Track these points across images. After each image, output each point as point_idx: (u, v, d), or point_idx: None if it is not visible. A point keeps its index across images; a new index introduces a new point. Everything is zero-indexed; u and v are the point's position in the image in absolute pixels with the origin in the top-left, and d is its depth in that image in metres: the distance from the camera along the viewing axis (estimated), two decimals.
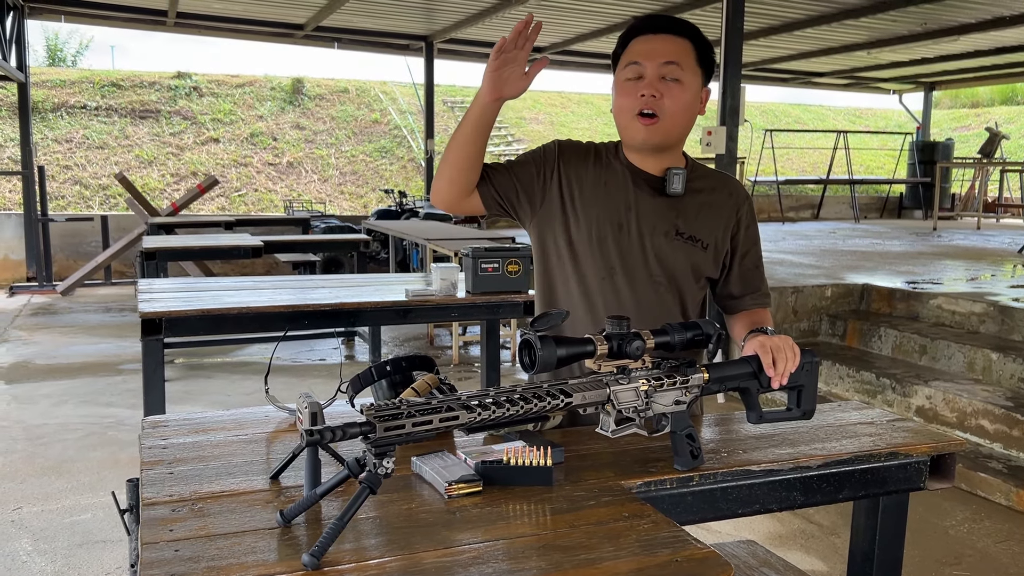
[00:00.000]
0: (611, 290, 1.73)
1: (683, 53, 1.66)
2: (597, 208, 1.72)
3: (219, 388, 5.21)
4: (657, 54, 1.65)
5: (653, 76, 1.64)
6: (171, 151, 13.00)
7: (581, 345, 1.34)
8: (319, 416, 1.34)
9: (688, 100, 1.67)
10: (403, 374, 1.67)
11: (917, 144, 13.30)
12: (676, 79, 1.65)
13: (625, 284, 1.72)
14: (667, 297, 1.74)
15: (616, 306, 1.72)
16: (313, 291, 3.41)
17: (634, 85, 1.66)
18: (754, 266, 1.82)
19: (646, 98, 1.64)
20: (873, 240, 9.16)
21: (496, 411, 1.24)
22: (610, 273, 1.72)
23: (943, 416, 4.16)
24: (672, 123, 1.66)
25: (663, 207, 1.73)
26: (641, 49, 1.67)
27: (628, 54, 1.69)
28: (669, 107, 1.65)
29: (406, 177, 13.65)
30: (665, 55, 1.65)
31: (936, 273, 6.27)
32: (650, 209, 1.73)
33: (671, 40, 1.67)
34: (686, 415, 1.46)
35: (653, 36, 1.67)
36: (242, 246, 5.40)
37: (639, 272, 1.72)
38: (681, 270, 1.74)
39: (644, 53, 1.67)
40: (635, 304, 1.71)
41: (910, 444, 1.64)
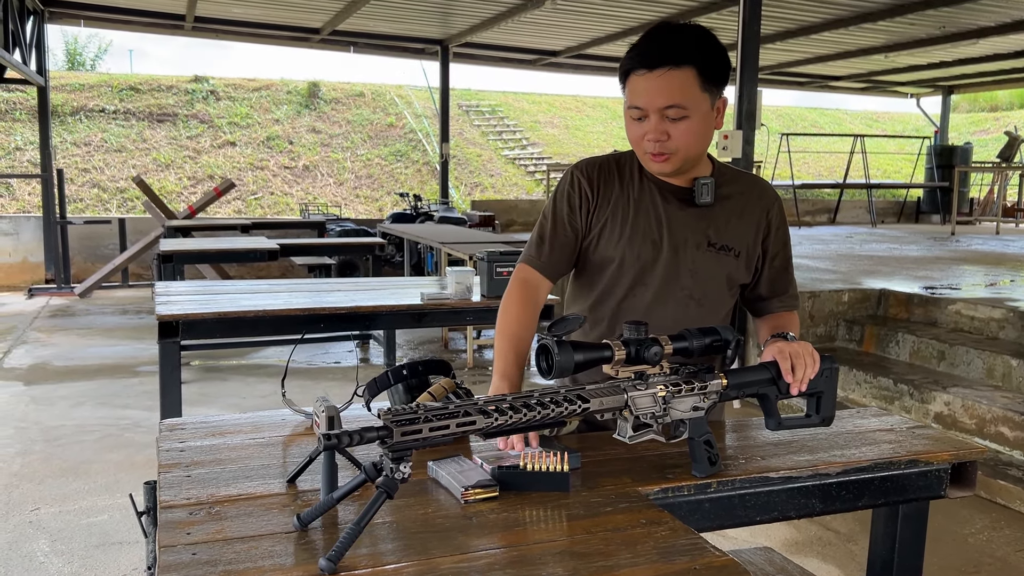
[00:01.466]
0: (643, 306, 1.72)
1: (684, 88, 1.56)
2: (629, 226, 1.71)
3: (234, 391, 5.23)
4: (656, 98, 1.56)
5: (656, 119, 1.58)
6: (188, 154, 13.09)
7: (599, 350, 1.33)
8: (336, 420, 1.34)
9: (698, 128, 1.61)
10: (419, 378, 1.67)
11: (935, 148, 13.20)
12: (683, 116, 1.58)
13: (658, 299, 1.72)
14: (698, 310, 1.73)
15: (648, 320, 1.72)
16: (328, 295, 3.41)
17: (640, 126, 1.62)
18: (783, 268, 1.80)
19: (652, 142, 1.61)
20: (890, 245, 9.10)
21: (513, 416, 1.24)
22: (644, 289, 1.72)
23: (962, 423, 4.12)
24: (685, 154, 1.63)
25: (693, 218, 1.71)
26: (640, 90, 1.58)
27: (629, 91, 1.61)
28: (679, 143, 1.60)
29: (421, 180, 13.69)
30: (664, 99, 1.56)
31: (954, 278, 6.22)
32: (680, 222, 1.71)
33: (670, 76, 1.55)
34: (704, 421, 1.45)
35: (650, 75, 1.55)
36: (258, 249, 5.42)
37: (672, 286, 1.71)
38: (715, 281, 1.73)
39: (643, 97, 1.58)
40: (665, 318, 1.70)
41: (930, 451, 1.63)
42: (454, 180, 13.53)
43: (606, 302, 1.75)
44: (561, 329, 1.32)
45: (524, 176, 14.78)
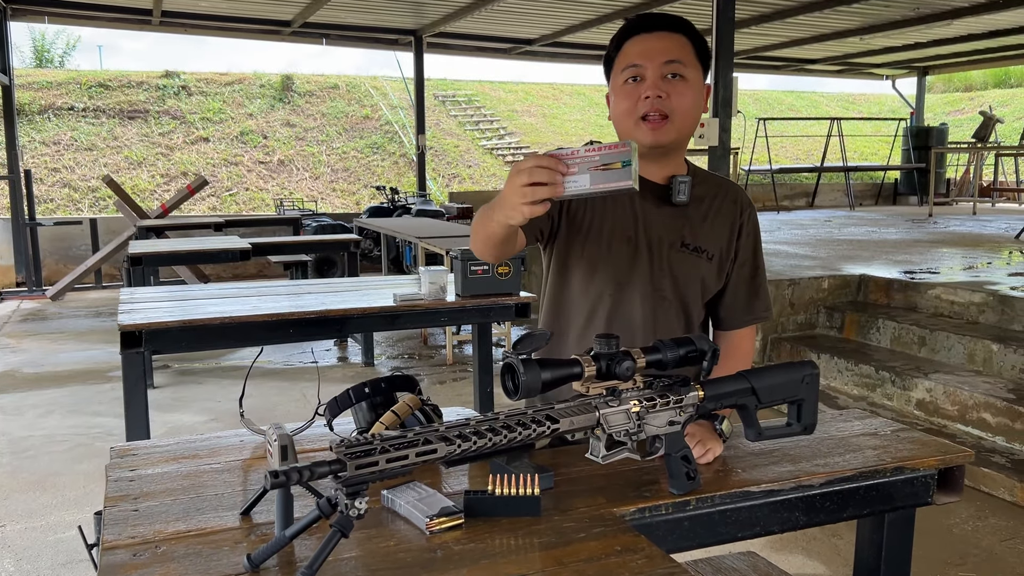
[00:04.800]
0: (619, 306, 1.66)
1: (683, 49, 1.58)
2: (605, 222, 1.64)
3: (209, 394, 5.13)
4: (657, 53, 1.56)
5: (655, 76, 1.55)
6: (160, 151, 12.88)
7: (567, 367, 1.26)
8: (290, 450, 1.27)
9: (694, 97, 1.58)
10: (384, 395, 1.59)
11: (911, 129, 13.22)
12: (680, 76, 1.56)
13: (633, 299, 1.66)
14: (671, 313, 1.68)
15: (624, 322, 1.66)
16: (299, 298, 3.32)
17: (635, 88, 1.56)
18: (751, 277, 1.74)
19: (651, 99, 1.54)
20: (869, 228, 9.09)
21: (477, 442, 1.17)
22: (619, 288, 1.65)
23: (944, 409, 4.10)
24: (683, 122, 1.58)
25: (669, 217, 1.65)
26: (639, 50, 1.58)
27: (624, 56, 1.60)
28: (678, 105, 1.56)
29: (398, 173, 13.55)
30: (666, 53, 1.56)
31: (933, 262, 6.20)
32: (656, 220, 1.65)
33: (669, 37, 1.58)
34: (681, 435, 1.38)
35: (649, 35, 1.58)
36: (230, 249, 5.31)
37: (647, 287, 1.65)
38: (691, 284, 1.68)
39: (643, 53, 1.57)
40: (642, 320, 1.65)
41: (916, 457, 1.57)
42: (431, 172, 13.40)
43: (583, 301, 1.68)
44: (527, 346, 1.24)
45: (502, 166, 14.67)
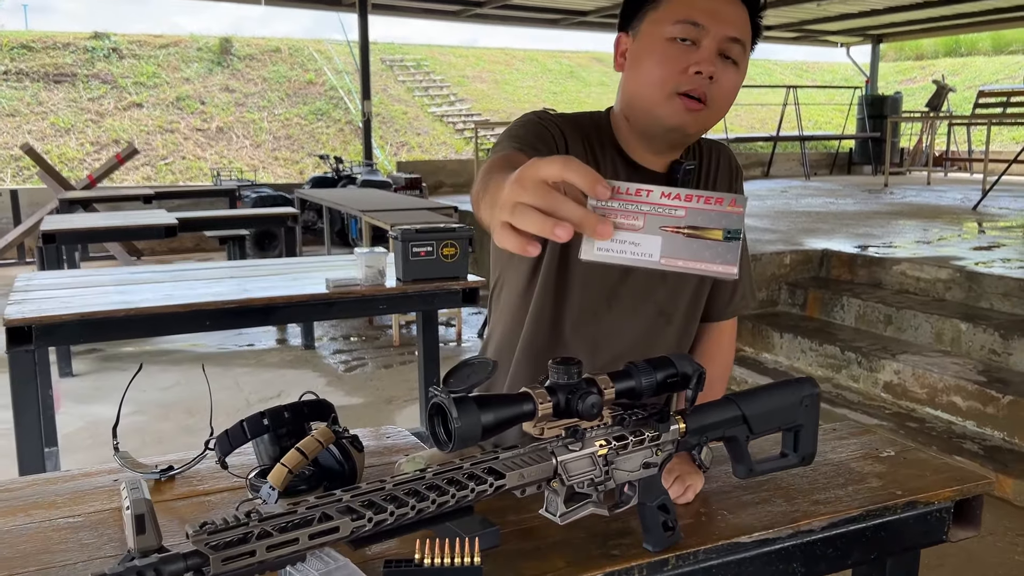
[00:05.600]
0: (606, 324, 1.38)
1: (746, 27, 1.26)
2: None
3: (135, 382, 4.73)
4: (725, 21, 1.23)
5: (712, 50, 1.22)
6: (90, 118, 12.18)
7: (515, 405, 0.97)
8: (147, 521, 0.96)
9: (736, 89, 1.28)
10: (290, 427, 1.28)
11: (866, 98, 13.14)
12: (734, 60, 1.25)
13: (624, 316, 1.38)
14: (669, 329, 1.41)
15: (611, 342, 1.38)
16: (219, 283, 2.98)
17: (684, 52, 1.22)
18: None
19: (702, 77, 1.22)
20: (826, 199, 8.96)
21: (396, 511, 0.87)
22: (607, 303, 1.37)
23: (912, 392, 3.92)
24: (717, 114, 1.28)
25: None
26: (707, 6, 1.23)
27: (682, 5, 1.23)
28: (720, 95, 1.25)
29: (344, 140, 13.05)
30: (733, 26, 1.23)
31: (894, 235, 6.05)
32: None
33: (738, 5, 1.25)
34: (658, 480, 1.10)
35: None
36: (154, 225, 4.90)
37: (643, 301, 1.38)
38: (687, 291, 1.41)
39: (710, 13, 1.22)
40: (632, 338, 1.39)
41: (930, 488, 1.32)
42: (378, 140, 12.93)
43: (561, 323, 1.38)
44: (462, 381, 0.95)
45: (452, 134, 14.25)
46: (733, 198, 0.75)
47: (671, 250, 0.75)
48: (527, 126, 1.31)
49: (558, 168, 0.74)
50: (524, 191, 0.75)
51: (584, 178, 0.74)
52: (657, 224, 0.75)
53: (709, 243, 0.75)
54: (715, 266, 0.75)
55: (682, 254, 0.75)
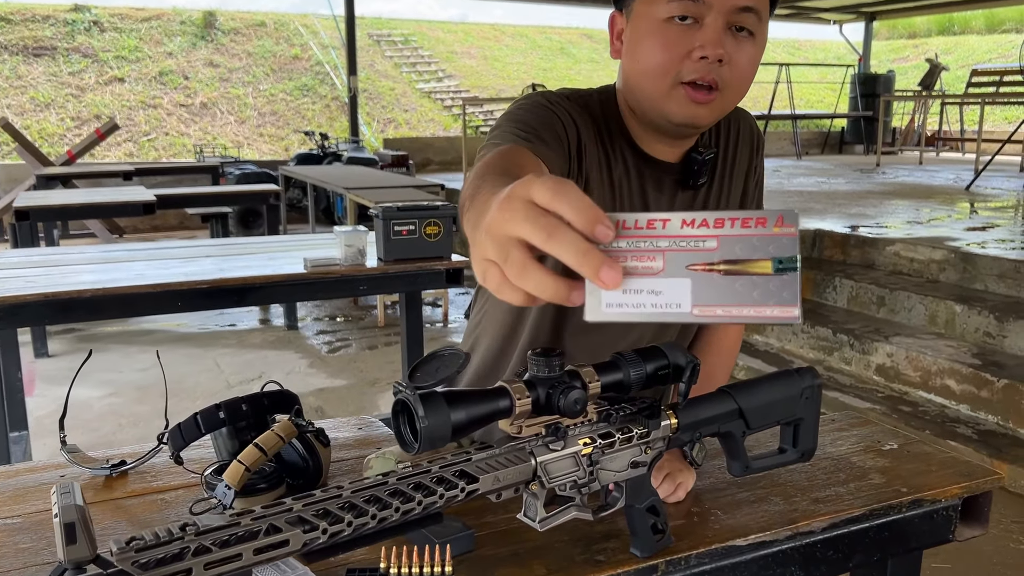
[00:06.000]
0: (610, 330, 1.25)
1: None
2: None
3: (111, 363, 4.63)
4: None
5: (718, 25, 1.05)
6: (71, 92, 11.94)
7: (489, 401, 0.87)
8: (79, 530, 0.86)
9: (755, 63, 1.12)
10: (249, 419, 1.19)
11: (859, 76, 13.03)
12: (749, 31, 1.08)
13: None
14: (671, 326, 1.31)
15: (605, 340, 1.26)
16: (193, 262, 2.87)
17: (685, 33, 1.06)
18: None
19: (709, 62, 1.06)
20: (818, 179, 8.87)
21: (355, 521, 0.78)
22: None
23: (906, 376, 3.86)
24: (734, 97, 1.13)
25: (684, 205, 1.25)
26: None
27: None
28: (735, 77, 1.09)
29: (330, 117, 12.86)
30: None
31: (887, 215, 5.97)
32: None
33: None
34: (647, 480, 1.02)
35: None
36: (131, 202, 4.76)
37: None
38: None
39: None
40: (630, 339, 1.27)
41: (936, 485, 1.24)
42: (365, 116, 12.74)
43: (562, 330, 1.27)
44: (430, 375, 0.85)
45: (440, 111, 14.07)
46: (779, 214, 0.55)
47: (706, 295, 0.56)
48: (534, 110, 1.12)
49: (548, 195, 0.56)
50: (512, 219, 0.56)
51: (579, 214, 0.55)
52: (683, 263, 0.56)
53: (756, 280, 0.55)
54: (768, 309, 0.55)
55: (721, 298, 0.56)
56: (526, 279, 0.56)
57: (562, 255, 0.55)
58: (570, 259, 0.55)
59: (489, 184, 0.77)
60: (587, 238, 0.55)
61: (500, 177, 0.78)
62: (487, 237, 0.58)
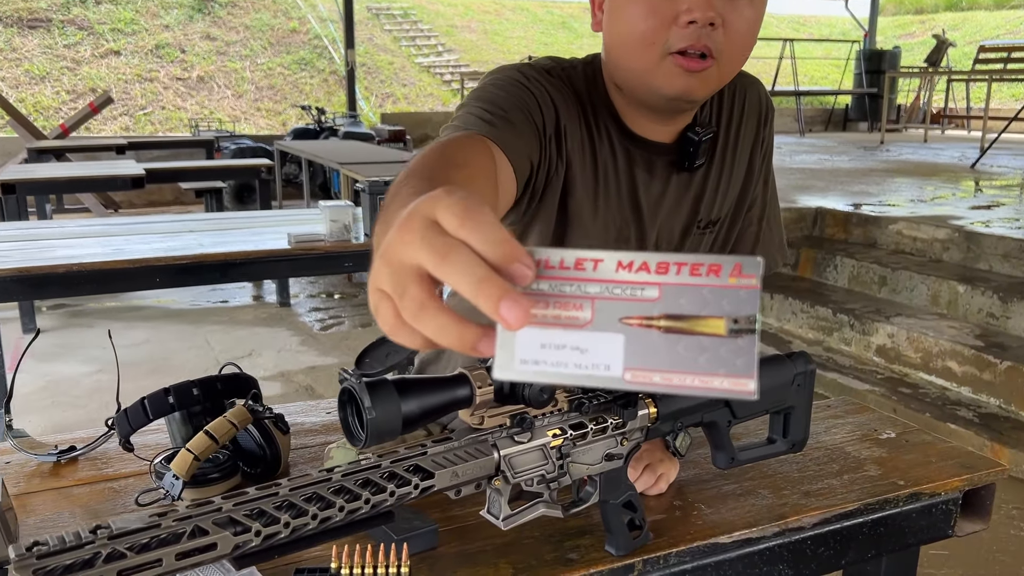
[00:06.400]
0: None
1: None
2: (597, 214, 1.10)
3: (100, 339, 4.56)
4: None
5: None
6: (66, 65, 11.80)
7: (445, 390, 0.80)
8: None
9: (754, 22, 1.01)
10: (204, 404, 1.11)
11: (864, 53, 12.84)
12: None
13: None
14: None
15: None
16: (176, 237, 2.79)
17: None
18: (757, 220, 1.26)
19: (699, 27, 0.96)
20: (821, 156, 8.75)
21: (293, 522, 0.71)
22: None
23: (906, 357, 3.78)
24: (731, 66, 1.02)
25: (680, 189, 1.15)
26: None
27: None
28: (732, 42, 0.99)
29: (328, 91, 12.72)
30: None
31: (890, 193, 5.87)
32: (662, 202, 1.14)
33: None
34: (623, 473, 0.94)
35: None
36: (120, 176, 4.67)
37: None
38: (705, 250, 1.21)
39: None
40: None
41: (935, 478, 1.17)
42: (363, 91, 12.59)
43: None
44: (379, 361, 0.78)
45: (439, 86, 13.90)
46: (737, 262, 0.45)
47: (641, 356, 0.45)
48: (507, 87, 1.02)
49: (455, 220, 0.45)
50: (411, 242, 0.46)
51: (492, 248, 0.44)
52: (616, 314, 0.46)
53: (704, 342, 0.45)
54: (717, 380, 0.45)
55: (660, 362, 0.45)
56: (423, 320, 0.45)
57: (456, 281, 0.44)
58: (464, 286, 0.44)
59: (408, 190, 0.68)
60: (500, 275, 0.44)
61: (423, 182, 0.68)
62: (382, 263, 0.47)
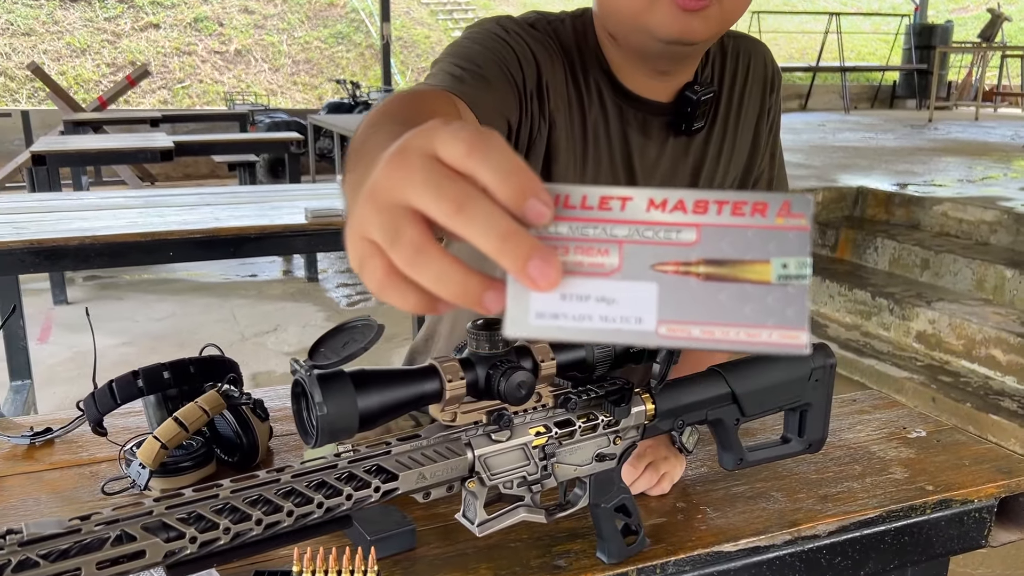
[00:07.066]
0: None
1: None
2: (576, 173, 1.01)
3: (129, 312, 4.58)
4: None
5: None
6: (106, 38, 11.89)
7: (410, 383, 0.72)
8: None
9: None
10: (182, 387, 1.05)
11: (914, 27, 12.42)
12: None
13: None
14: None
15: None
16: (193, 211, 2.76)
17: None
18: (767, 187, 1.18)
19: None
20: (865, 133, 8.49)
21: (233, 527, 0.64)
22: None
23: (948, 343, 3.63)
24: (734, 7, 0.93)
25: (677, 154, 1.06)
26: None
27: None
28: None
29: (364, 65, 12.66)
30: None
31: (937, 173, 5.65)
32: (663, 166, 1.05)
33: None
34: (617, 475, 0.86)
35: None
36: (149, 148, 4.66)
37: None
38: None
39: None
40: None
41: (968, 484, 1.07)
42: (399, 65, 12.51)
43: None
44: (335, 352, 0.70)
45: None
46: (786, 200, 0.39)
47: (677, 307, 0.40)
48: (483, 41, 0.95)
49: (460, 149, 0.38)
50: (407, 181, 0.38)
51: (505, 179, 0.37)
52: (647, 260, 0.40)
53: (749, 289, 0.39)
54: (765, 332, 0.39)
55: (699, 314, 0.39)
56: (420, 267, 0.38)
57: (475, 236, 0.37)
58: (486, 243, 0.37)
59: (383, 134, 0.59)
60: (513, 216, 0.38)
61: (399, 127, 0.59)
62: (369, 206, 0.40)
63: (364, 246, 0.40)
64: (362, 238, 0.40)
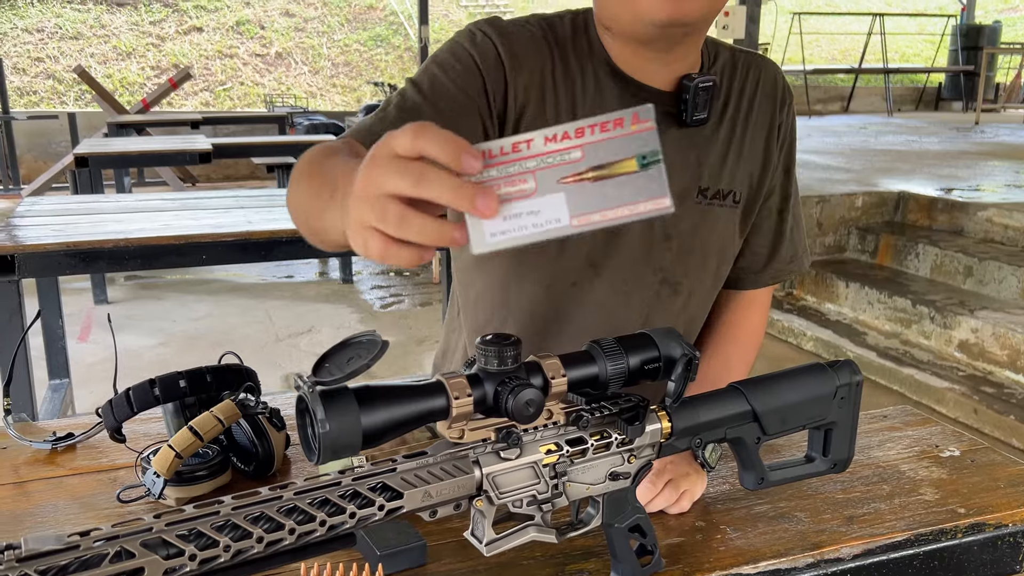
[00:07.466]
0: (593, 303, 1.06)
1: None
2: None
3: (166, 312, 4.65)
4: None
5: None
6: (151, 41, 12.11)
7: (416, 400, 0.71)
8: None
9: None
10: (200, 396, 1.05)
11: (960, 28, 12.14)
12: None
13: (615, 290, 1.06)
14: (677, 302, 1.09)
15: (600, 323, 1.07)
16: (227, 214, 2.79)
17: None
18: (777, 212, 1.15)
19: None
20: (909, 137, 8.31)
21: (233, 545, 0.63)
22: (591, 274, 1.05)
23: (991, 353, 3.53)
24: None
25: (679, 148, 1.03)
26: None
27: None
28: None
29: (403, 68, 12.73)
30: None
31: (982, 177, 5.51)
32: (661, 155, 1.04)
33: None
34: (632, 495, 0.84)
35: None
36: (187, 150, 4.73)
37: (639, 268, 1.06)
38: (703, 253, 1.08)
39: None
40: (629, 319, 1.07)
41: (1002, 506, 1.03)
42: None
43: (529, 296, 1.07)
44: (340, 367, 0.69)
45: None
46: (634, 112, 0.56)
47: (581, 204, 0.56)
48: (454, 51, 0.98)
49: (408, 139, 0.55)
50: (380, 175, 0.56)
51: (443, 147, 0.55)
52: (553, 179, 0.57)
53: (623, 179, 0.56)
54: (641, 205, 0.57)
55: (596, 205, 0.56)
56: (407, 228, 0.55)
57: (435, 195, 0.54)
58: (443, 196, 0.54)
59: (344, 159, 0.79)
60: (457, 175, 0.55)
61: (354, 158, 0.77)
62: (360, 202, 0.57)
63: (363, 231, 0.57)
64: (360, 226, 0.57)
